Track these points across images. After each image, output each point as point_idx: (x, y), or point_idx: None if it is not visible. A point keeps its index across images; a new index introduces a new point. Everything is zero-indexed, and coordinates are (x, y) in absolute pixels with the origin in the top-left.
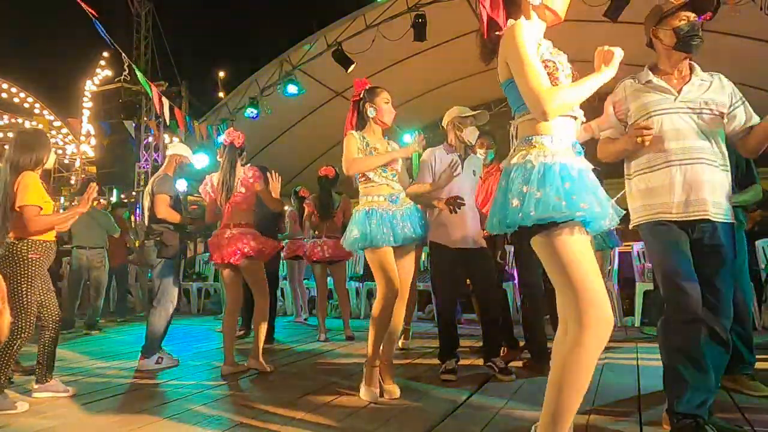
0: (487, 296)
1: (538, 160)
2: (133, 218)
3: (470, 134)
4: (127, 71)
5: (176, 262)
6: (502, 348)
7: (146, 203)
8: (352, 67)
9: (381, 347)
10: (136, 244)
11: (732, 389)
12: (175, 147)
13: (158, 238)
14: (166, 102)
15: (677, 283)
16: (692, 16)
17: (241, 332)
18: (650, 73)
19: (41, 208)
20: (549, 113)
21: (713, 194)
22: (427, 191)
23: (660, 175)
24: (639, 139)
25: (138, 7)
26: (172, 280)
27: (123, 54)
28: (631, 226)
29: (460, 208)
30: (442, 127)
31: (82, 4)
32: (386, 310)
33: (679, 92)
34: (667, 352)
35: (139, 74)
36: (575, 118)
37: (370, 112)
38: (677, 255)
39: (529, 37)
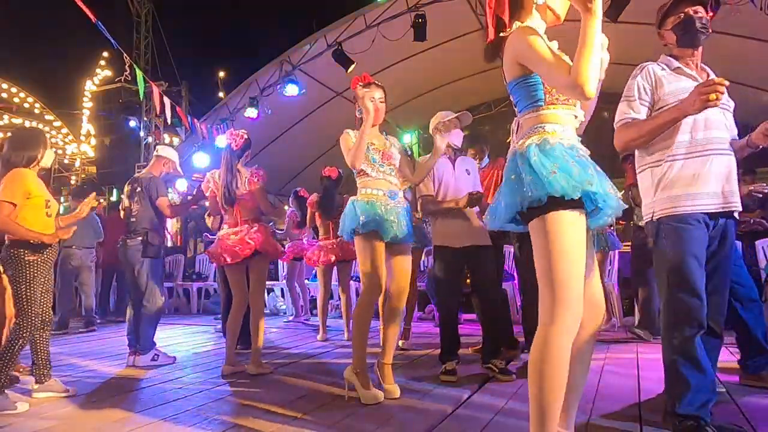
0: (487, 296)
1: (555, 140)
2: None
3: (455, 137)
4: (128, 71)
5: (161, 261)
6: (502, 348)
7: (130, 204)
8: (352, 67)
9: (384, 347)
10: None
11: (757, 386)
12: (165, 150)
13: (142, 238)
14: (167, 101)
15: (694, 292)
16: (690, 9)
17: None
18: (675, 61)
19: (14, 205)
20: (589, 91)
21: (736, 186)
22: (436, 154)
23: (696, 163)
24: (713, 96)
25: (138, 7)
26: (158, 279)
27: (125, 54)
28: (652, 218)
29: (480, 201)
30: (430, 134)
31: (82, 6)
32: (368, 307)
33: None
34: (669, 354)
35: (139, 75)
36: (575, 116)
37: (357, 112)
38: (697, 262)
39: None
